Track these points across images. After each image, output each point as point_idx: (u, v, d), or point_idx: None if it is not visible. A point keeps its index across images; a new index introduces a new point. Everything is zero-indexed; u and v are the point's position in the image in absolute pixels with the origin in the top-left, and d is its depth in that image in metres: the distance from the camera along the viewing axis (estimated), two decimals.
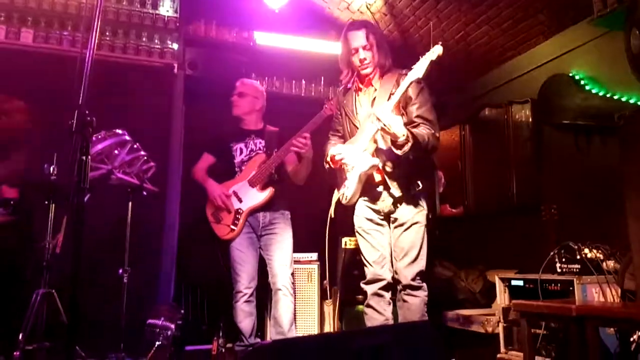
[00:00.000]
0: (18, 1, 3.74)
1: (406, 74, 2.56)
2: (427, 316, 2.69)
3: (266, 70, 4.45)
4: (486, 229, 4.36)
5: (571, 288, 2.69)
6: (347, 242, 3.86)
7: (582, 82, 3.52)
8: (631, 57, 2.69)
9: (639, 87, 3.03)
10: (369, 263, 2.74)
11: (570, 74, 3.60)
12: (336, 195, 2.91)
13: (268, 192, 3.29)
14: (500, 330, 3.06)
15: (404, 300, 2.68)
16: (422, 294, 2.67)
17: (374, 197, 2.73)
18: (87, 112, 1.82)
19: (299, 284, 3.75)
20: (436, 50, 2.45)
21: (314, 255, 3.91)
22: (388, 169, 2.63)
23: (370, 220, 2.76)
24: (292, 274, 3.36)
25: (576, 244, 2.84)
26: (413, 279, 2.64)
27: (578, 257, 2.79)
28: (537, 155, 3.85)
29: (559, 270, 2.87)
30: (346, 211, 2.94)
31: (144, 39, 3.99)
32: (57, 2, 3.82)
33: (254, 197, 3.29)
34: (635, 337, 2.38)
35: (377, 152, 2.65)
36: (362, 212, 2.79)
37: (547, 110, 3.72)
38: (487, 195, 4.26)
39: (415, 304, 2.65)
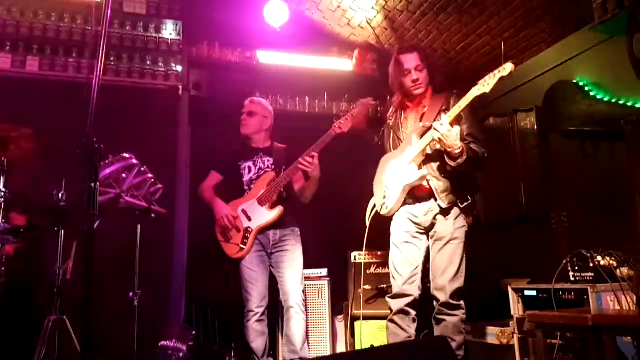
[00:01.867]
0: (23, 30, 3.80)
1: (457, 94, 2.67)
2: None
3: (270, 88, 4.48)
4: (497, 238, 4.32)
5: (585, 297, 2.64)
6: (356, 257, 3.84)
7: (587, 89, 3.52)
8: (635, 62, 2.68)
9: None
10: (400, 275, 2.72)
11: (574, 81, 3.60)
12: (372, 204, 2.92)
13: (277, 211, 3.28)
14: (515, 341, 3.02)
15: (442, 320, 2.67)
16: (460, 312, 2.68)
17: (418, 209, 2.74)
18: (94, 139, 1.84)
19: (309, 300, 3.73)
20: (508, 68, 2.44)
21: (323, 271, 3.90)
22: (436, 181, 2.66)
23: (408, 232, 2.76)
24: (304, 291, 3.35)
25: (588, 252, 2.80)
26: (452, 297, 2.63)
27: (591, 264, 2.75)
28: (545, 163, 3.83)
29: (572, 278, 2.83)
30: (355, 225, 2.94)
31: (148, 63, 4.04)
32: (62, 30, 3.88)
33: (264, 215, 3.29)
34: None
35: (426, 164, 2.69)
36: (402, 223, 2.78)
37: (553, 118, 3.71)
38: (496, 205, 4.23)
39: (453, 322, 2.65)
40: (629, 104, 3.25)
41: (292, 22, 4.44)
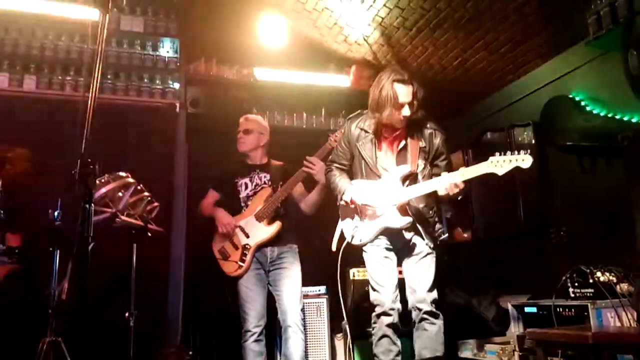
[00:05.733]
0: (20, 49, 3.81)
1: (433, 129, 2.74)
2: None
3: (267, 105, 4.48)
4: (496, 253, 4.31)
5: (586, 313, 2.63)
6: (355, 274, 3.81)
7: (583, 103, 3.53)
8: (630, 78, 2.69)
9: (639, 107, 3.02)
10: (384, 288, 2.72)
11: (571, 96, 3.61)
12: (339, 230, 2.89)
13: (275, 227, 3.27)
14: (516, 359, 2.99)
15: (424, 329, 2.67)
16: (440, 321, 2.69)
17: (395, 240, 2.76)
18: (89, 160, 1.83)
19: (308, 318, 3.69)
20: (527, 160, 2.41)
21: (322, 289, 3.86)
22: (421, 225, 2.69)
23: (386, 249, 2.78)
24: (302, 310, 3.31)
25: (588, 268, 2.79)
26: (433, 306, 2.66)
27: (590, 280, 2.74)
28: (543, 178, 3.83)
29: (572, 295, 2.82)
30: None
31: (145, 80, 4.04)
32: (60, 49, 3.89)
33: (262, 231, 3.27)
34: None
35: (407, 206, 2.69)
36: (379, 242, 2.78)
37: (550, 133, 3.72)
38: (495, 220, 4.22)
39: (435, 331, 2.67)
40: (625, 118, 3.25)
41: (289, 39, 4.46)
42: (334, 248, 2.89)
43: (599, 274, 2.75)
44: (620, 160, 2.96)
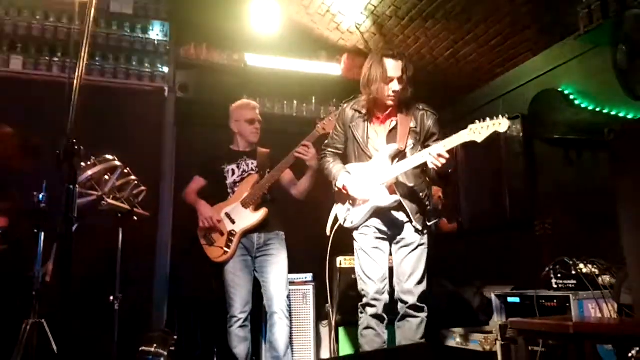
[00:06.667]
0: (7, 28, 3.75)
1: (424, 110, 2.75)
2: (425, 335, 2.71)
3: (257, 92, 4.45)
4: (481, 244, 4.34)
5: (568, 304, 2.66)
6: (342, 262, 3.83)
7: (572, 97, 3.55)
8: (619, 72, 2.71)
9: (627, 101, 3.04)
10: (371, 280, 2.72)
11: (560, 89, 3.63)
12: (334, 214, 2.90)
13: (262, 213, 3.26)
14: (498, 348, 3.02)
15: (407, 321, 2.69)
16: (424, 315, 2.71)
17: (386, 222, 2.75)
18: (74, 140, 1.81)
19: (293, 305, 3.70)
20: (504, 124, 2.40)
21: (309, 276, 3.87)
22: (410, 203, 2.69)
23: (376, 238, 2.77)
24: (288, 296, 3.33)
25: (571, 259, 2.83)
26: (418, 299, 2.67)
27: (573, 272, 2.78)
28: (530, 170, 3.85)
29: (554, 286, 2.85)
30: (342, 229, 2.92)
31: (134, 63, 4.00)
32: (47, 29, 3.84)
33: (248, 218, 3.27)
34: (633, 352, 2.35)
35: (396, 186, 2.69)
36: (369, 230, 2.78)
37: (538, 125, 3.73)
38: (481, 211, 4.25)
39: (417, 323, 2.68)
40: (613, 112, 3.28)
41: (281, 25, 4.43)
42: (328, 232, 2.89)
43: (582, 265, 2.78)
44: (606, 154, 2.98)
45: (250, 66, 4.52)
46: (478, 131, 2.44)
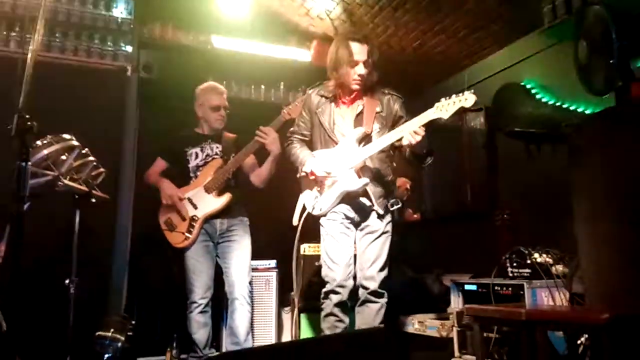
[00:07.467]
0: None
1: (390, 94, 2.77)
2: (384, 321, 2.73)
3: (224, 75, 4.37)
4: (443, 233, 4.42)
5: (522, 292, 2.74)
6: (306, 249, 3.83)
7: (533, 91, 3.63)
8: (579, 67, 2.78)
9: (586, 97, 3.13)
10: (337, 265, 2.72)
11: (522, 83, 3.70)
12: (302, 202, 2.88)
13: (225, 198, 3.23)
14: (454, 334, 3.10)
15: (367, 306, 2.72)
16: (384, 300, 2.74)
17: (353, 207, 2.76)
18: (27, 116, 1.74)
19: (256, 291, 3.69)
20: (470, 99, 2.40)
21: (272, 263, 3.86)
22: (373, 187, 2.70)
23: (343, 224, 2.77)
24: (250, 283, 3.31)
25: (527, 249, 2.91)
26: (380, 286, 2.70)
27: (528, 261, 2.86)
28: (491, 162, 3.94)
29: (510, 274, 2.93)
30: (307, 215, 2.91)
31: (96, 41, 3.86)
32: (5, 2, 3.66)
33: (210, 203, 3.23)
34: (582, 339, 2.44)
35: (363, 169, 2.69)
36: (336, 216, 2.78)
37: (500, 118, 3.81)
38: (444, 201, 4.33)
39: (377, 308, 2.71)
40: (572, 107, 3.37)
41: (250, 9, 4.35)
42: (295, 222, 2.86)
43: (536, 255, 2.87)
44: (565, 148, 3.07)
45: (217, 48, 4.44)
46: (445, 108, 2.47)
